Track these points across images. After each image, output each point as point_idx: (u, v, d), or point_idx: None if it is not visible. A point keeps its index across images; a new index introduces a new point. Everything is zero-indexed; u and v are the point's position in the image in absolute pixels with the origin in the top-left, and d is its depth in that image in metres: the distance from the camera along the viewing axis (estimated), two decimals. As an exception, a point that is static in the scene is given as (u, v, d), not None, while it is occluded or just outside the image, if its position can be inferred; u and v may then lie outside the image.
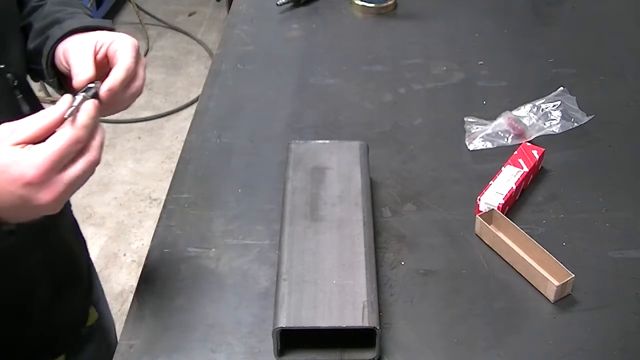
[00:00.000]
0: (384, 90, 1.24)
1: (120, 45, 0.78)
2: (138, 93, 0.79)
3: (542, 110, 1.14)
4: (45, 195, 0.64)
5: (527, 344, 0.82)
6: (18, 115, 0.82)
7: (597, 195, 1.01)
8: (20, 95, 0.85)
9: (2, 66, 0.81)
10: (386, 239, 0.94)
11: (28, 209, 0.65)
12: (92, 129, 0.67)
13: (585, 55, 1.32)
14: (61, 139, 0.64)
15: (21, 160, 0.63)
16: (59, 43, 0.81)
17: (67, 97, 0.68)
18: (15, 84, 0.84)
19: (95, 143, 0.68)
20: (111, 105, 0.76)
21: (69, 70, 0.79)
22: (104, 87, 0.74)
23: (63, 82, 0.86)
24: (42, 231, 0.90)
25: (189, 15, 3.56)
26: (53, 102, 0.78)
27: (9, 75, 0.83)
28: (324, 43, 1.38)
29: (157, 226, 0.97)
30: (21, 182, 0.63)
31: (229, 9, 1.55)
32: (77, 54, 0.78)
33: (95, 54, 0.77)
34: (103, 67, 0.78)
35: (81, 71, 0.75)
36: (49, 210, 0.66)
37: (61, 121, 0.66)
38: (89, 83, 0.74)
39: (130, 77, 0.77)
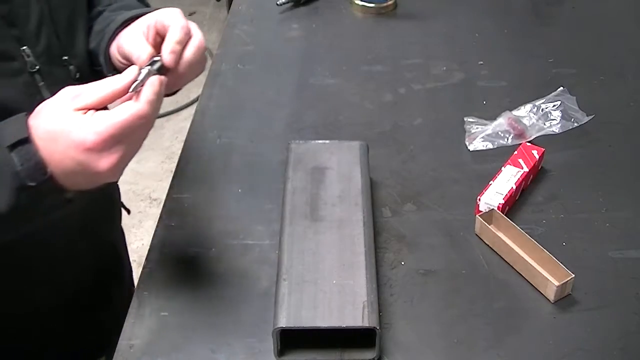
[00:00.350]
0: (384, 90, 1.24)
1: (165, 15, 0.78)
2: (202, 48, 0.79)
3: (542, 110, 1.14)
4: (105, 163, 0.65)
5: (527, 344, 0.82)
6: None
7: (597, 195, 1.01)
8: None
9: (66, 57, 0.84)
10: (386, 239, 0.94)
11: (87, 175, 0.66)
12: (156, 105, 0.68)
13: (585, 55, 1.32)
14: (126, 112, 0.65)
15: (83, 126, 0.64)
16: (113, 38, 0.83)
17: (133, 68, 0.69)
18: (77, 76, 0.85)
19: (154, 115, 0.69)
20: (181, 73, 0.76)
21: (129, 65, 0.80)
22: (165, 52, 0.74)
23: None
24: (89, 222, 0.94)
25: (189, 15, 3.56)
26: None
27: (72, 67, 0.84)
28: (324, 43, 1.38)
29: (157, 226, 0.97)
30: (82, 147, 0.64)
31: (229, 9, 1.55)
32: (129, 42, 0.79)
33: (147, 36, 0.78)
34: (159, 45, 0.78)
35: (140, 52, 0.76)
36: (107, 178, 0.67)
37: (124, 91, 0.67)
38: (152, 57, 0.74)
39: (187, 35, 0.77)
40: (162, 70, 0.73)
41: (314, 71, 1.29)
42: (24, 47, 0.77)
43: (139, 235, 2.36)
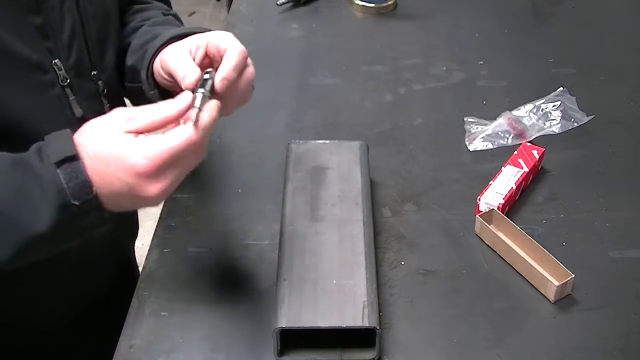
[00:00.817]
0: (384, 90, 1.24)
1: (219, 38, 0.76)
2: (252, 80, 0.78)
3: (542, 110, 1.14)
4: (154, 188, 0.64)
5: (527, 344, 0.81)
6: None
7: (597, 195, 1.01)
8: (108, 104, 0.85)
9: (95, 72, 0.82)
10: (386, 239, 0.94)
11: (134, 198, 0.65)
12: (209, 131, 0.67)
13: (585, 55, 1.32)
14: (179, 137, 0.64)
15: (136, 150, 0.63)
16: (157, 54, 0.81)
17: (188, 95, 0.68)
18: (105, 92, 0.84)
19: (207, 141, 0.68)
20: (229, 98, 0.74)
21: (171, 82, 0.79)
22: (218, 77, 0.72)
23: (166, 97, 0.83)
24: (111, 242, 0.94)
25: (189, 15, 3.56)
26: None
27: (100, 82, 0.83)
28: (324, 43, 1.38)
29: (157, 226, 0.97)
30: (133, 171, 0.63)
31: (229, 9, 1.55)
32: (175, 60, 0.76)
33: (194, 56, 0.76)
34: (207, 67, 0.76)
35: (187, 72, 0.73)
36: (153, 203, 0.66)
37: (179, 117, 0.66)
38: (203, 75, 0.72)
39: (244, 62, 0.76)
40: (212, 92, 0.71)
41: (314, 71, 1.29)
42: (56, 60, 0.77)
43: (139, 236, 2.36)
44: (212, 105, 0.68)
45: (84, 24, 0.81)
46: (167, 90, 0.83)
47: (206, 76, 0.72)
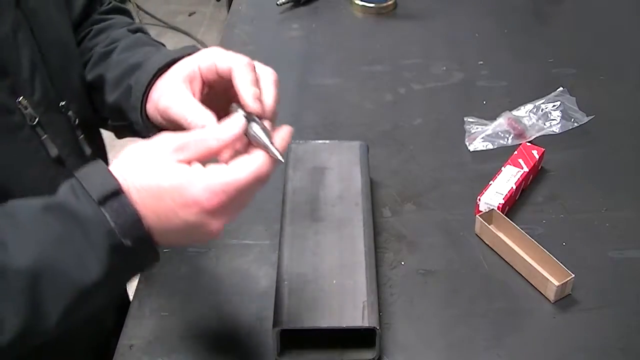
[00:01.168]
0: (384, 90, 1.24)
1: (210, 58, 0.68)
2: (277, 80, 0.69)
3: (542, 110, 1.14)
4: (217, 224, 0.59)
5: (527, 344, 0.81)
6: (80, 157, 0.77)
7: (597, 195, 1.01)
8: (82, 136, 0.79)
9: (63, 102, 0.75)
10: (386, 239, 0.94)
11: (192, 235, 0.59)
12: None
13: (585, 55, 1.32)
14: (250, 169, 0.58)
15: (198, 183, 0.57)
16: (147, 91, 0.73)
17: (240, 118, 0.61)
18: (77, 122, 0.78)
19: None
20: (268, 117, 0.66)
21: (175, 127, 0.68)
22: (248, 100, 0.63)
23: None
24: None
25: (189, 15, 3.56)
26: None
27: (70, 113, 0.77)
28: (324, 43, 1.38)
29: (157, 226, 0.97)
30: (196, 206, 0.57)
31: (229, 9, 1.55)
32: (177, 106, 0.67)
33: (194, 92, 0.68)
34: (218, 95, 0.69)
35: (198, 120, 0.65)
36: (212, 238, 0.60)
37: (233, 143, 0.60)
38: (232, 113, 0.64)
39: (254, 71, 0.66)
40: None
41: (314, 71, 1.29)
42: (20, 98, 0.68)
43: (139, 235, 2.36)
44: (285, 131, 0.62)
45: (43, 53, 0.73)
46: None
47: (240, 113, 0.64)
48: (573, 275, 0.85)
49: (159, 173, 0.57)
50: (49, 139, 0.71)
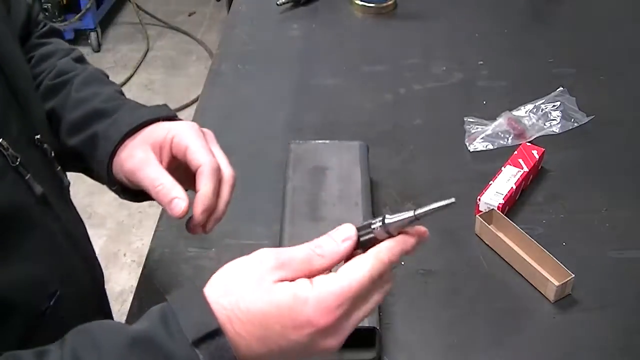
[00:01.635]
0: (384, 90, 1.24)
1: (183, 140, 0.69)
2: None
3: (542, 110, 1.14)
4: (333, 341, 0.53)
5: (527, 344, 0.81)
6: (60, 189, 0.74)
7: (597, 195, 1.01)
8: (59, 168, 0.74)
9: (38, 136, 0.70)
10: (386, 239, 0.94)
11: (303, 354, 0.54)
12: (392, 264, 0.56)
13: (585, 55, 1.32)
14: (358, 274, 0.52)
15: (308, 301, 0.51)
16: (115, 151, 0.71)
17: (351, 229, 0.56)
18: (52, 155, 0.72)
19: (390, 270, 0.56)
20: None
21: (139, 188, 0.70)
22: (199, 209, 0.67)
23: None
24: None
25: (189, 15, 3.56)
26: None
27: (45, 145, 0.71)
28: (324, 43, 1.38)
29: (157, 226, 0.97)
30: (310, 329, 0.51)
31: (229, 9, 1.55)
32: (146, 172, 0.68)
33: (160, 158, 0.69)
34: (181, 166, 0.70)
35: (175, 195, 0.66)
36: (329, 354, 0.55)
37: (340, 261, 0.54)
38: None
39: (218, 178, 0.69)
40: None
41: (314, 71, 1.29)
42: (0, 140, 0.62)
43: (138, 235, 2.36)
44: (410, 240, 0.57)
45: (11, 86, 0.67)
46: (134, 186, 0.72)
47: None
48: (573, 275, 0.84)
49: (263, 297, 0.52)
50: (32, 178, 0.66)
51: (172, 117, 0.74)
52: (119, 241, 2.35)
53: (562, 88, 1.19)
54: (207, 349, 0.50)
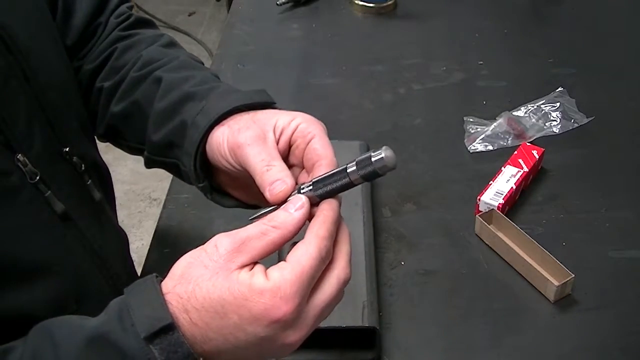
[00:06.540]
0: (384, 90, 1.24)
1: (309, 130, 0.63)
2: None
3: (542, 110, 1.14)
4: (295, 334, 0.51)
5: (527, 344, 0.82)
6: (89, 205, 0.72)
7: (597, 195, 1.01)
8: (90, 181, 0.72)
9: (66, 149, 0.67)
10: (386, 239, 0.94)
11: (264, 350, 0.52)
12: (334, 235, 0.55)
13: (585, 55, 1.32)
14: (305, 257, 0.51)
15: (264, 292, 0.49)
16: (208, 133, 0.64)
17: (301, 197, 0.55)
18: (83, 168, 0.70)
19: (342, 253, 0.56)
20: None
21: (238, 171, 0.63)
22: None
23: (218, 184, 0.71)
24: None
25: (189, 15, 3.56)
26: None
27: (75, 159, 0.69)
28: (324, 43, 1.38)
29: (157, 226, 0.97)
30: (267, 320, 0.50)
31: (229, 9, 1.55)
32: (257, 154, 0.60)
33: (277, 140, 0.63)
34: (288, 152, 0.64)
35: (279, 178, 0.58)
36: (289, 351, 0.53)
37: (296, 231, 0.53)
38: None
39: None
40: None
41: (314, 71, 1.29)
42: (18, 155, 0.60)
43: (138, 235, 2.36)
44: (329, 206, 0.56)
45: (40, 98, 0.64)
46: (227, 173, 0.67)
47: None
48: (573, 275, 0.85)
49: (220, 286, 0.50)
50: (53, 195, 0.63)
51: (269, 103, 0.68)
52: (119, 241, 2.35)
53: (561, 88, 1.19)
54: (160, 344, 0.50)
